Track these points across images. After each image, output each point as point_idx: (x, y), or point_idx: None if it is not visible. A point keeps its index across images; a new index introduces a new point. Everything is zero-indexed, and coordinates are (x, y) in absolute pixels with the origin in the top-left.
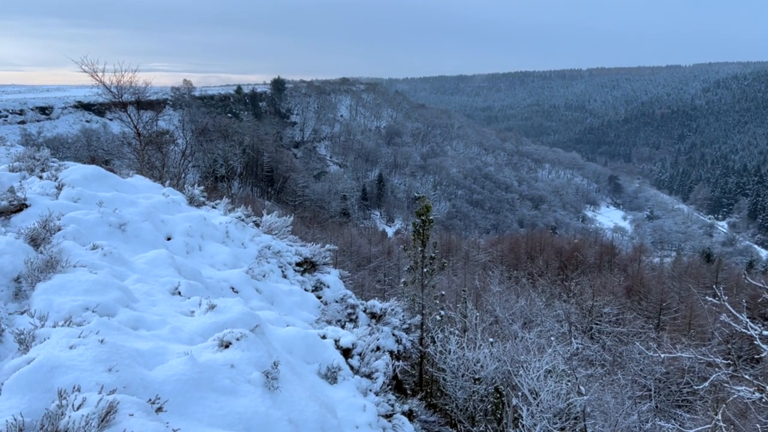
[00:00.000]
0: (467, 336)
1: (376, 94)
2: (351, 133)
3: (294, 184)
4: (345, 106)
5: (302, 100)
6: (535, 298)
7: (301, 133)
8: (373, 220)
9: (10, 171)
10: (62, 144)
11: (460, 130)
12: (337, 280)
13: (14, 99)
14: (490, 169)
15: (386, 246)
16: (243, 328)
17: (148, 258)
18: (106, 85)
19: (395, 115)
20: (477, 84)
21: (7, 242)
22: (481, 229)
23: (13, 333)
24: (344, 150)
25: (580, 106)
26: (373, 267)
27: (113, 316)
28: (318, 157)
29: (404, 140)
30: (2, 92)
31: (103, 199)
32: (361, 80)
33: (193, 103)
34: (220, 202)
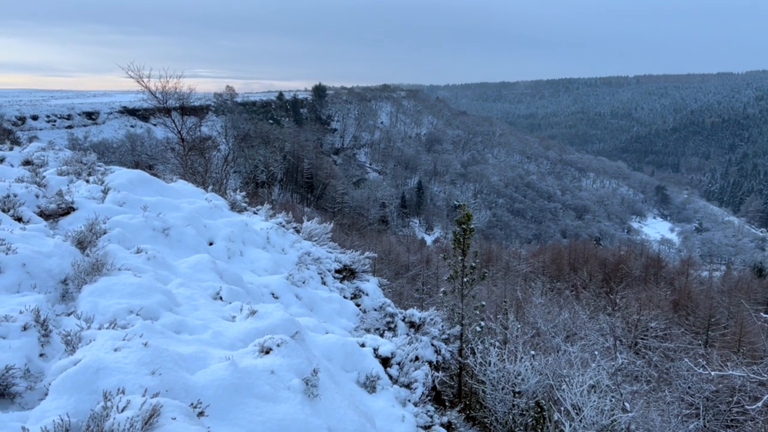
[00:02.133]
0: (508, 348)
1: (417, 101)
2: (391, 140)
3: (333, 191)
4: (385, 112)
5: (343, 106)
6: (579, 311)
7: (341, 140)
8: (411, 228)
9: (58, 175)
10: (107, 148)
11: (501, 137)
12: (376, 288)
13: (62, 104)
14: (532, 177)
15: (425, 254)
16: (283, 334)
17: (190, 262)
18: (151, 90)
19: (436, 122)
20: (520, 91)
21: (55, 245)
22: (523, 239)
23: (60, 334)
24: (384, 157)
25: (627, 114)
26: (412, 275)
27: (156, 319)
28: (358, 163)
29: (444, 147)
30: (51, 97)
31: (147, 203)
32: (402, 87)
33: (236, 109)
34: (262, 207)
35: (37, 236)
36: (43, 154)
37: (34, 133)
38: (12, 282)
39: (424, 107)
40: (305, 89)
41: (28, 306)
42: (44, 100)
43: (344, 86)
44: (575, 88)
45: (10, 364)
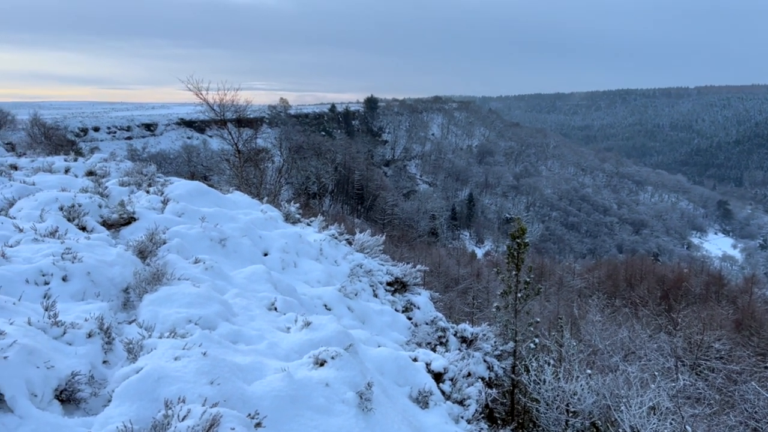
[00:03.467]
0: (563, 366)
1: (469, 112)
2: (442, 152)
3: (383, 203)
4: (437, 124)
5: (394, 118)
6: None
7: (392, 152)
8: (462, 241)
9: (120, 185)
10: (165, 159)
11: (555, 149)
12: (428, 302)
13: (122, 116)
14: (587, 190)
15: (475, 268)
16: (337, 346)
17: (246, 273)
18: (209, 103)
19: (488, 134)
20: (575, 102)
21: (117, 254)
22: (577, 254)
23: (122, 342)
24: (434, 169)
25: (687, 126)
26: (462, 289)
27: (214, 329)
28: (408, 175)
29: (496, 159)
30: (112, 109)
31: (205, 214)
32: (453, 99)
33: (289, 121)
34: (315, 219)
35: (100, 245)
36: (105, 165)
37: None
38: (77, 290)
39: (476, 119)
40: (357, 101)
41: (93, 314)
42: (105, 112)
43: (396, 98)
44: (633, 99)
45: (76, 370)
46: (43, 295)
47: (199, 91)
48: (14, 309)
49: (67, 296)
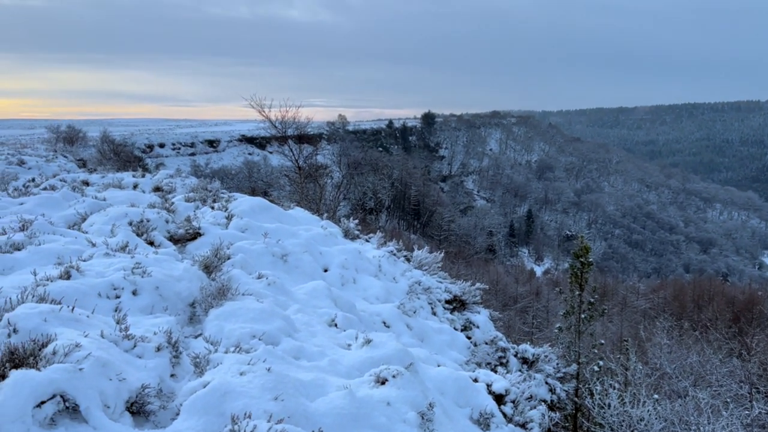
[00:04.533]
0: (630, 390)
1: (528, 127)
2: (500, 167)
3: (440, 218)
4: (495, 139)
5: (451, 133)
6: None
7: (449, 167)
8: (520, 258)
9: (185, 201)
10: (226, 174)
11: (618, 165)
12: (487, 321)
13: (186, 133)
14: (652, 207)
15: (534, 286)
16: (397, 365)
17: (307, 289)
18: (271, 120)
19: (547, 149)
20: (639, 116)
21: (184, 269)
22: (641, 273)
23: (189, 356)
24: (492, 184)
25: (758, 141)
26: (521, 308)
27: (277, 345)
28: (465, 191)
29: (556, 175)
30: (177, 126)
31: (267, 229)
32: (512, 113)
33: (347, 137)
34: (374, 235)
35: (168, 260)
36: (171, 181)
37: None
38: (146, 303)
39: (536, 133)
40: (414, 117)
41: (161, 327)
42: (171, 129)
43: (453, 113)
44: (700, 113)
45: (146, 382)
46: (114, 309)
47: (261, 109)
48: (88, 322)
49: (137, 310)
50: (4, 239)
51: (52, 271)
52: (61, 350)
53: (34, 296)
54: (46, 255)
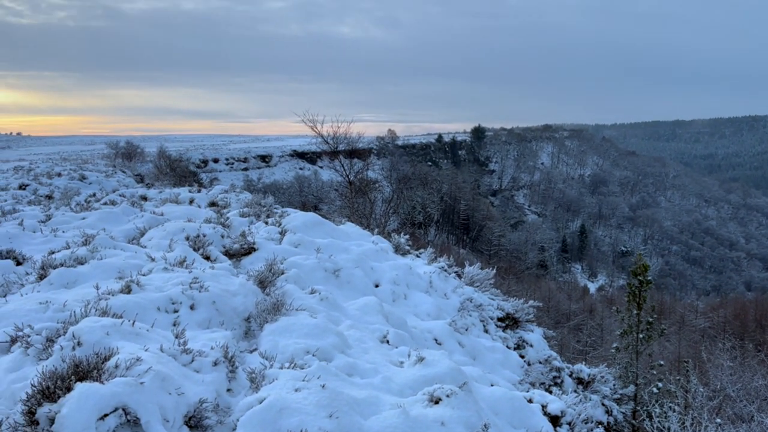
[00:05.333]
0: (690, 414)
1: (581, 140)
2: (552, 182)
3: (490, 233)
4: (546, 153)
5: (502, 147)
6: None
7: (499, 181)
8: (573, 274)
9: (240, 216)
10: (278, 189)
11: (675, 179)
12: (541, 340)
13: (240, 148)
14: (711, 223)
15: (588, 303)
16: (451, 383)
17: (359, 304)
18: (323, 136)
19: (601, 163)
20: (696, 129)
21: (240, 284)
22: (700, 291)
23: (245, 371)
24: (544, 199)
25: None
26: (574, 325)
27: (330, 361)
28: (516, 205)
29: (611, 189)
30: (230, 142)
31: (320, 245)
32: (564, 127)
33: (396, 152)
34: (424, 251)
35: (224, 275)
36: (226, 196)
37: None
38: (203, 318)
39: (589, 147)
40: (464, 131)
41: (218, 342)
42: (224, 145)
43: (504, 127)
44: (762, 125)
45: (203, 397)
46: (172, 323)
47: (314, 125)
48: (148, 335)
49: (194, 324)
50: (68, 253)
51: (114, 285)
52: (123, 364)
53: (97, 310)
54: (107, 269)
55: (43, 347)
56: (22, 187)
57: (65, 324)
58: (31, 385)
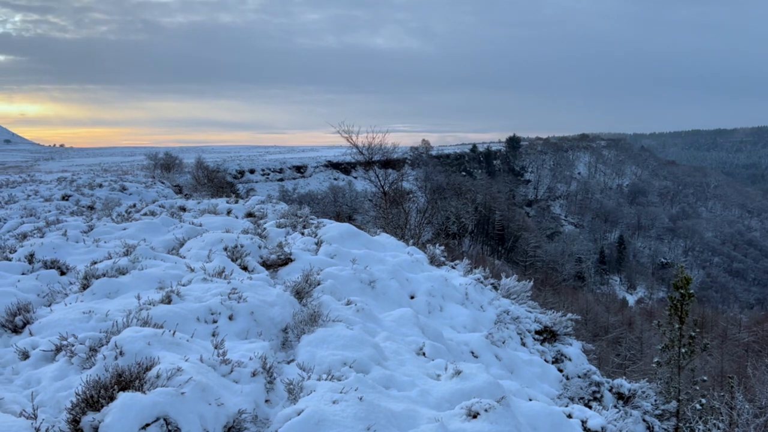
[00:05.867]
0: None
1: (619, 150)
2: (589, 192)
3: (525, 244)
4: (583, 163)
5: (537, 157)
6: None
7: (535, 192)
8: (611, 286)
9: (277, 227)
10: (313, 199)
11: (717, 189)
12: (580, 353)
13: (275, 159)
14: (754, 234)
15: (627, 316)
16: (488, 397)
17: (395, 316)
18: (358, 147)
19: (640, 173)
20: (739, 138)
21: (277, 294)
22: (743, 304)
23: (283, 382)
24: (581, 209)
25: None
26: (612, 338)
27: (367, 373)
28: (552, 216)
29: (650, 200)
30: (266, 153)
31: (355, 256)
32: (601, 136)
33: (430, 162)
34: (460, 262)
35: (261, 286)
36: (263, 207)
37: (251, 185)
38: (242, 328)
39: (627, 157)
40: (499, 141)
41: (256, 353)
42: (260, 155)
43: (539, 137)
44: None
45: (242, 408)
46: (211, 333)
47: (349, 136)
48: (188, 346)
49: (233, 335)
50: (110, 263)
51: (154, 296)
52: (164, 374)
53: (138, 320)
54: (148, 279)
55: (87, 356)
56: (65, 198)
57: (108, 334)
58: (76, 393)
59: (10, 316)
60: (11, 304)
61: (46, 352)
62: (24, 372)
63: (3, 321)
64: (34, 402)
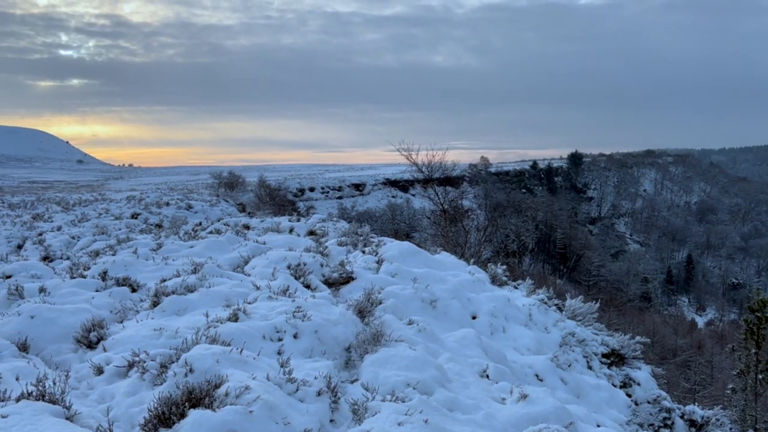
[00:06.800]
0: None
1: (686, 166)
2: (655, 209)
3: (588, 263)
4: (649, 179)
5: (600, 174)
6: None
7: (599, 209)
8: (679, 307)
9: (338, 245)
10: (371, 217)
11: None
12: (649, 378)
13: (334, 177)
14: None
15: (696, 338)
16: (556, 423)
17: (457, 336)
18: (418, 165)
19: (709, 190)
20: None
21: (340, 313)
22: None
23: (348, 402)
24: (646, 227)
25: None
26: (680, 362)
27: (431, 395)
28: (616, 234)
29: (720, 218)
30: (326, 171)
31: (416, 274)
32: (668, 152)
33: (489, 179)
34: (522, 282)
35: (325, 304)
36: (324, 225)
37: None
38: (306, 347)
39: (695, 173)
40: (560, 157)
41: (321, 372)
42: (320, 174)
43: (602, 153)
44: None
45: (308, 427)
46: (276, 351)
47: (409, 154)
48: (254, 363)
49: (298, 353)
50: (179, 281)
51: (222, 313)
52: (233, 392)
53: (207, 337)
54: (215, 297)
55: (158, 373)
56: (134, 216)
57: (177, 351)
58: (148, 410)
59: (86, 332)
60: (86, 321)
61: (119, 368)
62: (98, 387)
63: (79, 337)
64: (109, 417)
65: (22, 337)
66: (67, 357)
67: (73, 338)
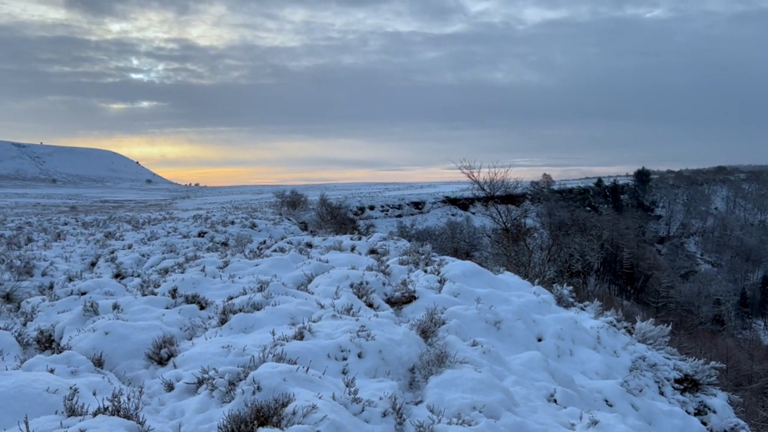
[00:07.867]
0: None
1: (761, 183)
2: (727, 228)
3: (657, 284)
4: (720, 197)
5: (669, 191)
6: None
7: (667, 228)
8: (754, 331)
9: (399, 264)
10: (430, 235)
11: None
12: (726, 405)
13: (394, 195)
14: None
15: None
16: None
17: (523, 359)
18: (479, 183)
19: None
20: None
21: (403, 333)
22: None
23: (413, 424)
24: (718, 247)
25: None
26: (757, 388)
27: (498, 419)
28: (686, 254)
29: None
30: (386, 189)
31: (479, 295)
32: (741, 168)
33: (552, 197)
34: (589, 303)
35: (388, 323)
36: (385, 244)
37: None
38: (370, 367)
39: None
40: (626, 174)
41: (385, 392)
42: (380, 192)
43: (671, 170)
44: None
45: None
46: (341, 370)
47: (470, 171)
48: (320, 383)
49: (362, 373)
50: (245, 299)
51: (287, 332)
52: (300, 411)
53: (273, 355)
54: (281, 315)
55: (227, 390)
56: (201, 235)
57: (245, 368)
58: (218, 427)
59: (157, 349)
60: (157, 337)
61: (189, 385)
62: (169, 403)
63: (150, 353)
64: None
65: (98, 353)
66: (139, 373)
67: (144, 354)
